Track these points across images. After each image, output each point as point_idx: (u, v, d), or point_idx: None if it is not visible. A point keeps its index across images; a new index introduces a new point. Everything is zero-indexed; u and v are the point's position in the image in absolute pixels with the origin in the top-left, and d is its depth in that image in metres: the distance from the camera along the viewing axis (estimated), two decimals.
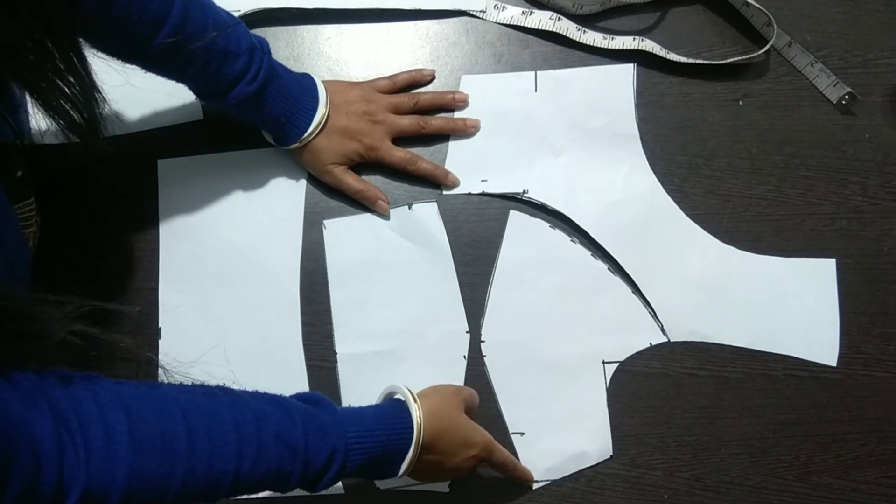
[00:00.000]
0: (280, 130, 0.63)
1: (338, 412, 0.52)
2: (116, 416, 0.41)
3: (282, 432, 0.47)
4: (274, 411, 0.48)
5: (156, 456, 0.42)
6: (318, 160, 0.64)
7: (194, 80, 0.59)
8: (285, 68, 0.62)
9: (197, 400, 0.46)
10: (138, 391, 0.43)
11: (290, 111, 0.61)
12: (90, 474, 0.39)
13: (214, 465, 0.44)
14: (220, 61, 0.56)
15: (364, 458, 0.51)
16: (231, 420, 0.45)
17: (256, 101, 0.59)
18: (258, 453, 0.46)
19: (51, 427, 0.38)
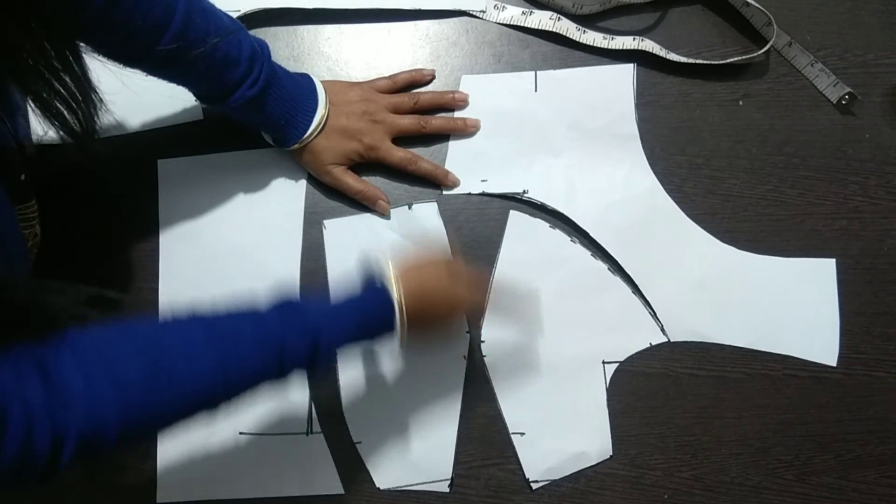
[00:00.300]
0: (280, 132, 0.63)
1: (308, 298, 0.52)
2: (93, 360, 0.42)
3: (259, 325, 0.48)
4: (246, 314, 0.49)
5: (139, 387, 0.42)
6: (317, 160, 0.64)
7: (196, 85, 0.59)
8: (285, 70, 0.62)
9: (168, 327, 0.47)
10: (109, 333, 0.44)
11: (290, 113, 0.62)
12: (80, 421, 0.40)
13: (200, 380, 0.45)
14: (222, 66, 0.56)
15: (350, 342, 0.52)
16: (205, 334, 0.46)
17: (257, 104, 0.59)
18: (240, 363, 0.46)
19: (38, 387, 0.39)
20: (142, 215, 0.67)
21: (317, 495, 0.64)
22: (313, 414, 0.64)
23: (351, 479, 0.64)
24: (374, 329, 0.53)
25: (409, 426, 0.65)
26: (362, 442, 0.64)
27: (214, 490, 0.63)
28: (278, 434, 0.64)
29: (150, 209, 0.67)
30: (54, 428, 0.39)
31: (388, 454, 0.64)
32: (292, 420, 0.64)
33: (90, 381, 0.41)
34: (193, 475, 0.63)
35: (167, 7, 0.52)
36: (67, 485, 0.63)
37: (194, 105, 0.67)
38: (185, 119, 0.67)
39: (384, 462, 0.64)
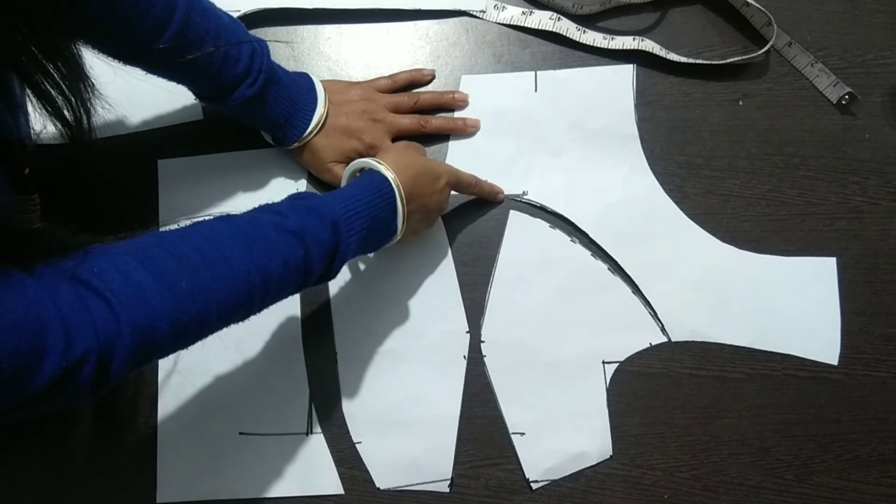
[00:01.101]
0: (279, 131, 0.63)
1: (321, 195, 0.53)
2: (128, 262, 0.42)
3: (278, 224, 0.49)
4: (263, 213, 0.50)
5: (177, 278, 0.43)
6: (317, 159, 0.64)
7: (195, 83, 0.59)
8: (284, 70, 0.62)
9: (192, 228, 0.47)
10: (136, 241, 0.45)
11: (290, 112, 0.62)
12: (128, 313, 0.40)
13: (234, 268, 0.45)
14: (221, 65, 0.56)
15: (363, 222, 0.53)
16: (231, 231, 0.47)
17: (256, 103, 0.60)
18: (267, 247, 0.47)
19: (72, 294, 0.39)
20: (142, 215, 0.66)
21: (317, 495, 0.64)
22: (313, 414, 0.64)
23: (351, 479, 0.64)
24: (381, 206, 0.55)
25: (409, 426, 0.65)
26: (362, 442, 0.64)
27: (214, 490, 0.63)
28: (278, 434, 0.64)
29: (150, 209, 0.67)
30: (98, 330, 0.39)
31: (388, 454, 0.64)
32: (292, 420, 0.64)
33: (125, 276, 0.41)
34: (193, 475, 0.63)
35: (167, 6, 0.52)
36: (67, 485, 0.63)
37: (194, 104, 0.67)
38: (185, 119, 0.67)
39: (384, 462, 0.64)
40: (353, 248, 0.53)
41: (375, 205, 0.54)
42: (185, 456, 0.64)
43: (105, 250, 0.42)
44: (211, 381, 0.65)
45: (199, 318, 0.44)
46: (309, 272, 0.50)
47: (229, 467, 0.64)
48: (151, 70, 0.56)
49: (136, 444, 0.64)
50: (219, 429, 0.64)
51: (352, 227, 0.52)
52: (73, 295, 0.39)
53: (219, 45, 0.55)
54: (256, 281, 0.47)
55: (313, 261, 0.50)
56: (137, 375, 0.65)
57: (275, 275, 0.48)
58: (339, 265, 0.53)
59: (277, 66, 0.61)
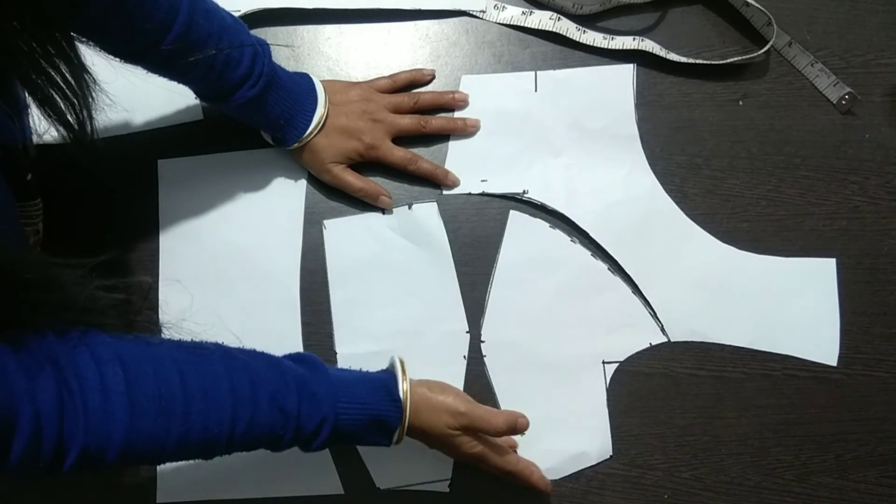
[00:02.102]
0: (280, 132, 0.63)
1: (331, 379, 0.53)
2: (115, 375, 0.41)
3: (276, 397, 0.48)
4: (269, 375, 0.49)
5: (152, 416, 0.43)
6: (317, 159, 0.64)
7: (197, 84, 0.59)
8: (285, 70, 0.62)
9: (194, 360, 0.46)
10: (136, 349, 0.44)
11: (290, 113, 0.62)
12: (88, 434, 0.40)
13: (209, 427, 0.45)
14: (223, 66, 0.56)
15: (352, 428, 0.53)
16: (227, 383, 0.46)
17: (257, 104, 0.60)
18: (252, 417, 0.47)
19: (53, 390, 0.39)
20: (142, 215, 0.67)
21: (317, 495, 0.64)
22: None
23: (351, 479, 0.64)
24: (374, 433, 0.55)
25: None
26: None
27: (214, 490, 0.63)
28: None
29: (150, 209, 0.67)
30: (62, 438, 0.39)
31: (388, 454, 0.64)
32: None
33: (107, 399, 0.41)
34: (193, 475, 0.63)
35: (170, 8, 0.51)
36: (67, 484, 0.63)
37: (194, 104, 0.67)
38: (185, 119, 0.67)
39: (384, 462, 0.64)
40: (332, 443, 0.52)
41: (375, 418, 0.54)
42: None
43: (98, 353, 0.42)
44: None
45: (149, 458, 0.45)
46: (279, 446, 0.51)
47: (229, 467, 0.63)
48: (154, 70, 0.56)
49: None
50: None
51: (341, 426, 0.52)
52: (55, 392, 0.39)
53: (221, 46, 0.55)
54: (222, 444, 0.47)
55: (287, 441, 0.50)
56: None
57: (243, 444, 0.48)
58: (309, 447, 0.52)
59: (279, 68, 0.61)
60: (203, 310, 0.65)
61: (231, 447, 0.48)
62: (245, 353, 0.50)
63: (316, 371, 0.53)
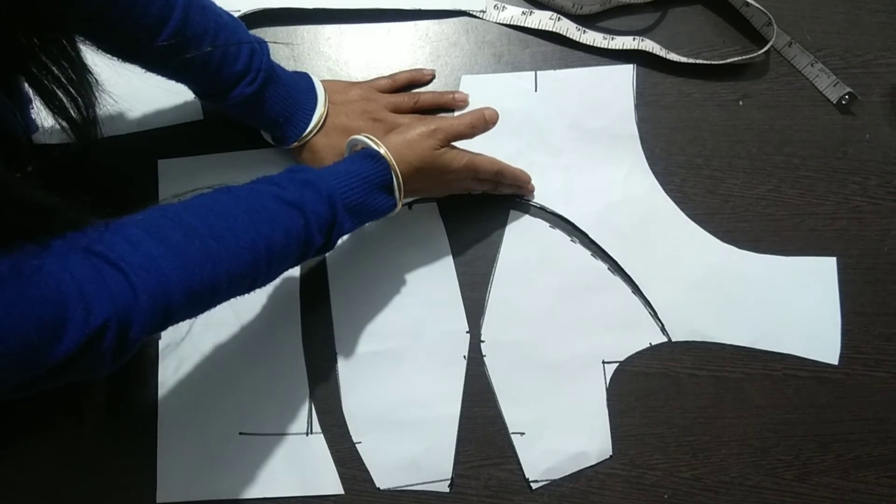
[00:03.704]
0: (279, 130, 0.63)
1: (316, 170, 0.54)
2: (137, 233, 0.43)
3: (278, 195, 0.50)
4: (262, 184, 0.51)
5: (186, 247, 0.44)
6: (317, 159, 0.64)
7: (194, 81, 0.59)
8: (284, 69, 0.62)
9: (193, 200, 0.48)
10: (148, 213, 0.46)
11: (290, 111, 0.62)
12: (143, 282, 0.41)
13: (239, 237, 0.47)
14: (220, 63, 0.56)
15: (357, 197, 0.54)
16: (233, 202, 0.49)
17: (256, 101, 0.59)
18: (269, 218, 0.49)
19: (87, 265, 0.40)
20: None
21: (317, 495, 0.64)
22: (313, 414, 0.64)
23: (351, 479, 0.64)
24: (377, 182, 0.55)
25: (409, 426, 0.65)
26: (362, 442, 0.64)
27: (214, 490, 0.63)
28: (278, 434, 0.64)
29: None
30: (115, 300, 0.40)
31: (388, 454, 0.64)
32: (292, 420, 0.64)
33: (140, 247, 0.42)
34: (193, 475, 0.63)
35: (165, 4, 0.52)
36: (67, 485, 0.63)
37: (194, 104, 0.67)
38: (184, 118, 0.67)
39: (384, 462, 0.64)
40: (349, 221, 0.54)
41: (370, 181, 0.55)
42: (185, 456, 0.64)
43: (113, 224, 0.44)
44: (211, 381, 0.65)
45: (210, 285, 0.45)
46: (309, 242, 0.51)
47: (229, 467, 0.64)
48: (150, 68, 0.56)
49: (136, 444, 0.64)
50: (219, 429, 0.64)
51: (347, 201, 0.53)
52: (88, 266, 0.40)
53: (217, 43, 0.55)
54: (261, 249, 0.48)
55: (312, 232, 0.51)
56: (138, 375, 0.65)
57: (277, 244, 0.49)
58: (337, 237, 0.54)
59: (277, 66, 0.61)
60: None
61: (272, 253, 0.49)
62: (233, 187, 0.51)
63: (300, 169, 0.54)
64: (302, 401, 0.65)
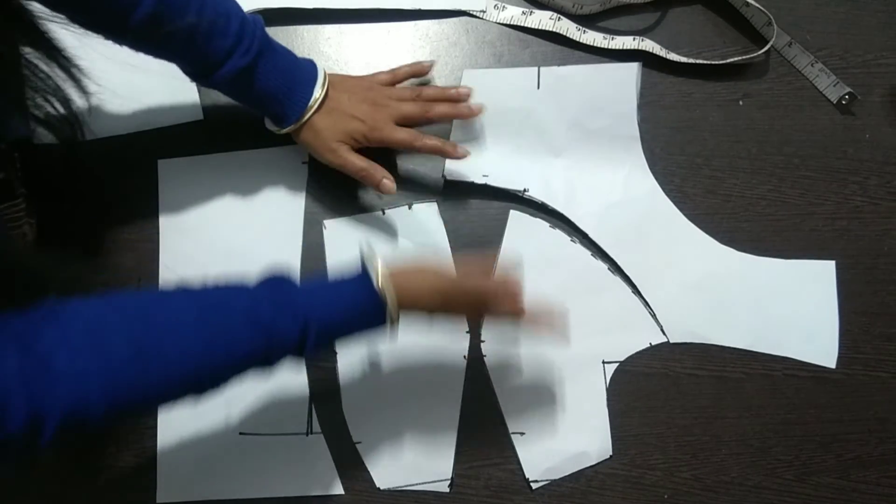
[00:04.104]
0: (278, 108, 0.60)
1: (303, 285, 0.51)
2: (78, 335, 0.40)
3: (249, 313, 0.47)
4: (238, 294, 0.48)
5: (126, 363, 0.41)
6: (320, 138, 0.61)
7: (181, 57, 0.56)
8: (281, 45, 0.60)
9: (158, 301, 0.46)
10: (97, 305, 0.43)
11: (288, 86, 0.59)
12: (64, 399, 0.39)
13: (188, 361, 0.44)
14: (208, 36, 0.54)
15: (339, 321, 0.51)
16: (196, 313, 0.45)
17: (249, 75, 0.57)
18: (230, 338, 0.46)
19: (14, 361, 0.38)
20: (142, 215, 0.66)
21: (317, 495, 0.64)
22: (313, 414, 0.64)
23: (351, 479, 0.64)
24: (363, 325, 0.52)
25: (409, 426, 0.65)
26: (362, 442, 0.64)
27: (214, 490, 0.64)
28: (278, 434, 0.64)
29: (150, 209, 0.67)
30: (31, 404, 0.38)
31: (388, 454, 0.64)
32: (292, 420, 0.64)
33: (74, 355, 0.40)
34: (193, 475, 0.63)
35: None
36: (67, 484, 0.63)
37: (194, 104, 0.67)
38: (184, 119, 0.67)
39: (384, 462, 0.64)
40: (313, 351, 0.50)
41: (360, 325, 0.52)
42: (185, 456, 0.64)
43: (62, 317, 0.41)
44: None
45: (138, 406, 0.44)
46: (267, 366, 0.49)
47: (229, 467, 0.64)
48: (133, 43, 0.53)
49: (136, 444, 0.64)
50: (219, 429, 0.64)
51: (324, 331, 0.50)
52: (14, 360, 0.38)
53: (204, 14, 0.52)
54: (207, 375, 0.46)
55: (274, 358, 0.48)
56: None
57: (230, 370, 0.47)
58: (299, 361, 0.51)
59: (274, 41, 0.59)
60: None
61: (220, 377, 0.46)
62: (209, 285, 0.49)
63: (287, 282, 0.50)
64: (302, 401, 0.65)
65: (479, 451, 0.65)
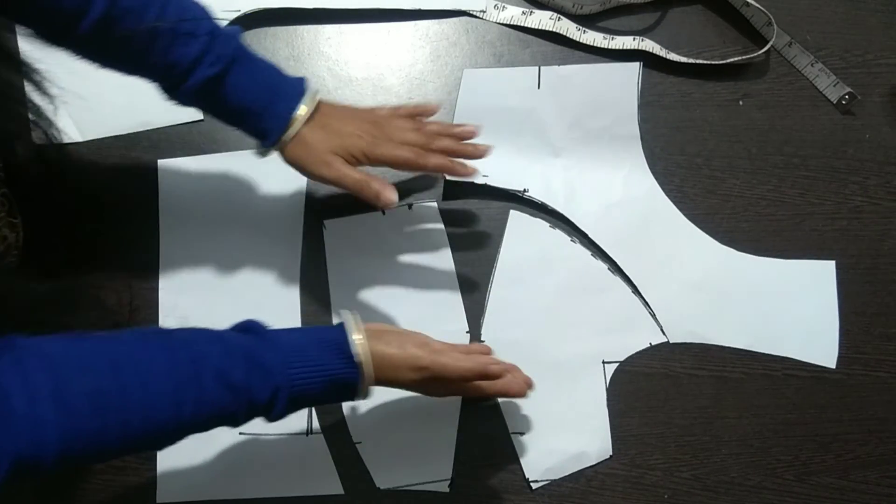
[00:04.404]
0: (257, 122, 0.54)
1: (280, 345, 0.49)
2: (40, 379, 0.39)
3: (222, 373, 0.45)
4: (213, 350, 0.46)
5: (86, 414, 0.40)
6: (312, 152, 0.55)
7: (145, 65, 0.51)
8: (265, 59, 0.55)
9: (127, 349, 0.44)
10: (64, 348, 0.42)
11: (268, 98, 0.53)
12: (18, 443, 0.38)
13: (152, 415, 0.43)
14: (172, 40, 0.49)
15: (310, 391, 0.49)
16: (166, 366, 0.44)
17: (222, 85, 0.52)
18: (199, 397, 0.45)
19: None
20: (142, 215, 0.66)
21: (317, 495, 0.64)
22: (313, 414, 0.64)
23: (351, 479, 0.64)
24: (335, 397, 0.52)
25: (409, 426, 0.65)
26: (362, 442, 0.64)
27: (214, 490, 0.63)
28: (278, 434, 0.64)
29: (150, 209, 0.67)
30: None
31: (388, 454, 0.64)
32: (292, 420, 0.64)
33: (33, 400, 0.38)
34: (193, 475, 0.63)
35: None
36: (67, 484, 0.63)
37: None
38: (185, 118, 0.67)
39: (384, 462, 0.64)
40: (282, 412, 0.49)
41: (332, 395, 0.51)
42: (185, 456, 0.64)
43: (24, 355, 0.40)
44: None
45: (93, 458, 0.43)
46: (235, 422, 0.48)
47: (229, 467, 0.64)
48: (90, 53, 0.50)
49: None
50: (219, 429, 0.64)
51: (296, 395, 0.49)
52: None
53: (165, 18, 0.49)
54: (169, 432, 0.45)
55: (240, 419, 0.48)
56: None
57: (194, 427, 0.46)
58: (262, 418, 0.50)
59: (255, 53, 0.54)
60: (203, 309, 0.65)
61: (182, 431, 0.45)
62: (186, 331, 0.47)
63: (264, 338, 0.49)
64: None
65: (479, 451, 0.65)
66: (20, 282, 0.40)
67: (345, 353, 0.50)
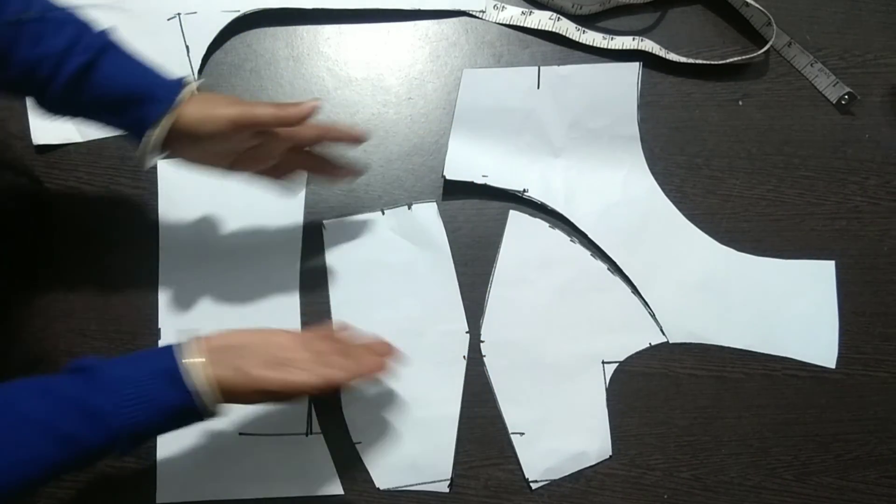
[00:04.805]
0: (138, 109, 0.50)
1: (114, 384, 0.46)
2: None
3: (52, 428, 0.44)
4: (40, 406, 0.44)
5: None
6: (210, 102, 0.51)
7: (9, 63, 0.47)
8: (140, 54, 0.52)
9: None
10: None
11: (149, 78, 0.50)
12: None
13: None
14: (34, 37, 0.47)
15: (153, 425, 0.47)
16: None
17: (92, 76, 0.48)
18: (30, 458, 0.43)
19: None
20: (142, 215, 0.66)
21: (317, 495, 0.64)
22: (313, 414, 0.64)
23: (351, 479, 0.64)
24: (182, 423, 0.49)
25: (409, 426, 0.65)
26: (362, 442, 0.64)
27: (214, 490, 0.63)
28: (278, 434, 0.64)
29: (150, 209, 0.67)
30: None
31: (388, 454, 0.64)
32: (292, 420, 0.64)
33: None
34: (193, 475, 0.63)
35: None
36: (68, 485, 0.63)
37: None
38: None
39: (384, 462, 0.64)
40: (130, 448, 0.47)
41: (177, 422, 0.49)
42: (185, 456, 0.64)
43: None
44: None
45: None
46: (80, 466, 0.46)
47: (229, 467, 0.64)
48: None
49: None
50: (219, 429, 0.64)
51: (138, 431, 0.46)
52: None
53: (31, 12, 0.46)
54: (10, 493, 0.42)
55: (85, 464, 0.46)
56: None
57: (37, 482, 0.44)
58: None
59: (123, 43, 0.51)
60: (202, 309, 0.65)
61: (24, 491, 0.43)
62: (8, 389, 0.45)
63: (95, 380, 0.46)
64: (302, 401, 0.65)
65: (479, 451, 0.65)
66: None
67: (178, 383, 0.47)
